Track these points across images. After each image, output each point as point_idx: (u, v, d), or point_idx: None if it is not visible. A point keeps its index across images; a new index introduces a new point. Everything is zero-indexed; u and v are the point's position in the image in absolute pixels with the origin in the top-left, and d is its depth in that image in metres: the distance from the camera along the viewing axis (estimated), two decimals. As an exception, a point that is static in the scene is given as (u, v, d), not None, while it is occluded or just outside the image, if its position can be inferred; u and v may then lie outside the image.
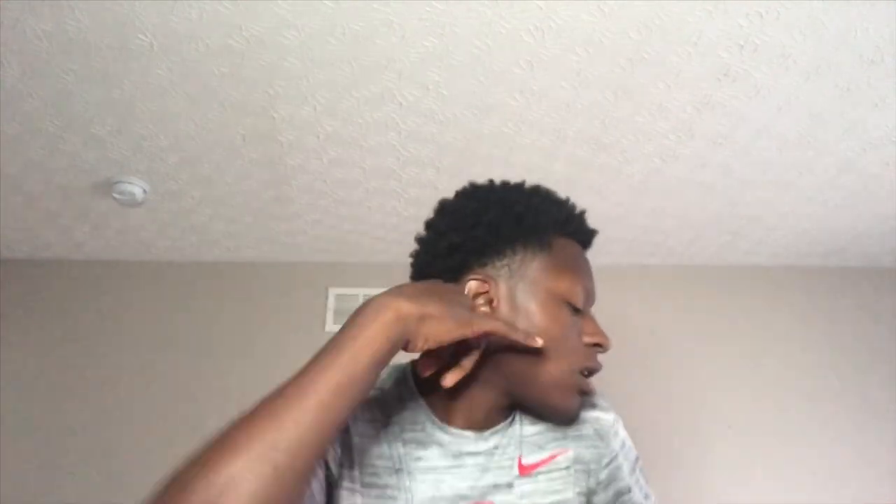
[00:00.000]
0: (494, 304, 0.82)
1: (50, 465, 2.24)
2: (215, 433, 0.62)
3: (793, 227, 2.32)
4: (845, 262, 2.57)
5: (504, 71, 1.59)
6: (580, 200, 0.93)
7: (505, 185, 0.92)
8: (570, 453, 0.88)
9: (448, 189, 0.98)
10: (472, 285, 0.82)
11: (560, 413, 0.84)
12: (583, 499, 0.88)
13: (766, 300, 2.53)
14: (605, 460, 0.91)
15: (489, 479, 0.82)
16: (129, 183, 2.01)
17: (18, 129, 1.79)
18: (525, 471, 0.85)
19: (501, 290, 0.82)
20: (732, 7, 1.41)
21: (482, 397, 0.84)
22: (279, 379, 0.83)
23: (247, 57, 1.55)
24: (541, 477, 0.85)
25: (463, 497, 0.81)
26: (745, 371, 2.41)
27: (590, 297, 0.87)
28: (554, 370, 0.80)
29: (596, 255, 0.91)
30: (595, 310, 0.89)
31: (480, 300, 0.82)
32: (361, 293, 2.48)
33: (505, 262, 0.83)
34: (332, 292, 2.49)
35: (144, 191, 2.06)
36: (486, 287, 0.82)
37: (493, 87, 1.65)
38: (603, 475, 0.90)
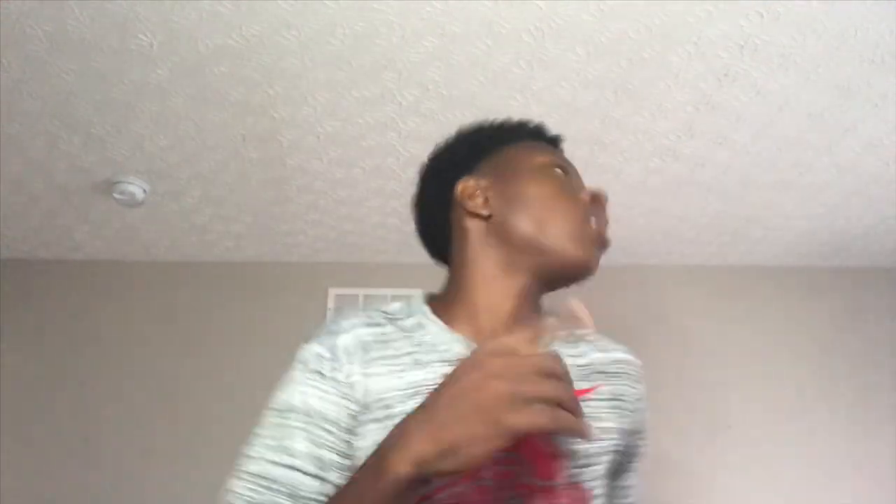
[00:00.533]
0: (488, 198, 0.87)
1: (50, 465, 2.24)
2: None
3: (793, 227, 2.32)
4: (845, 262, 2.57)
5: (504, 71, 1.59)
6: None
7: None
8: (611, 388, 0.89)
9: None
10: (459, 188, 0.88)
11: (579, 264, 0.85)
12: (615, 436, 0.88)
13: (766, 300, 2.53)
14: (639, 403, 0.94)
15: None
16: (129, 183, 2.01)
17: (18, 129, 1.79)
18: (578, 394, 0.85)
19: (490, 183, 0.88)
20: (732, 7, 1.41)
21: (507, 300, 0.86)
22: (278, 377, 0.83)
23: (247, 57, 1.55)
24: (591, 403, 0.85)
25: None
26: (745, 371, 2.41)
27: (574, 172, 0.92)
28: (562, 225, 0.84)
29: None
30: (594, 309, 0.89)
31: (476, 199, 0.87)
32: (361, 293, 2.48)
33: (486, 163, 0.91)
34: (332, 292, 2.49)
35: (144, 191, 2.06)
36: (475, 185, 0.88)
37: (493, 87, 1.65)
38: (635, 419, 0.92)
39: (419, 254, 1.04)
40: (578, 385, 0.82)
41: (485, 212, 0.87)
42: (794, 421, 2.35)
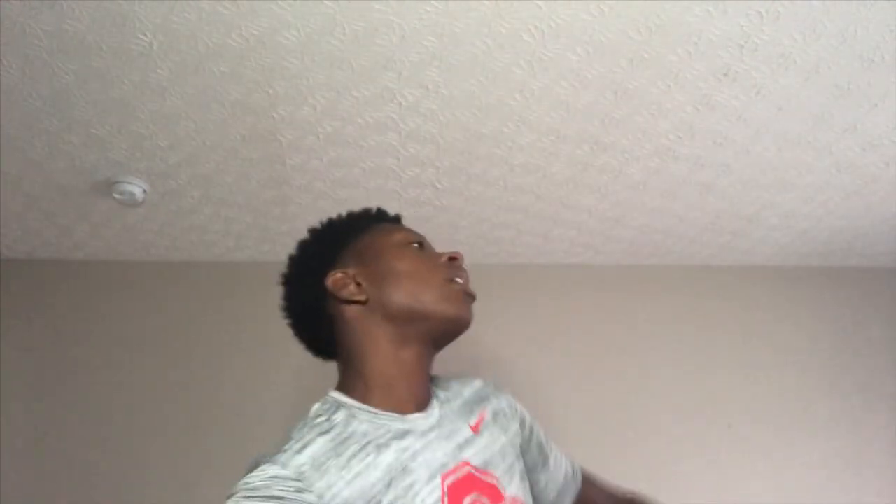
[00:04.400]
0: (360, 283, 0.97)
1: (49, 465, 2.24)
2: None
3: (793, 227, 2.32)
4: (845, 262, 2.57)
5: (504, 71, 1.60)
6: (580, 200, 0.99)
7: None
8: (489, 409, 1.06)
9: (448, 189, 1.02)
10: (329, 281, 0.98)
11: (458, 320, 0.97)
12: (516, 438, 1.06)
13: (766, 300, 2.53)
14: (513, 405, 1.12)
15: (453, 443, 0.94)
16: (129, 183, 2.01)
17: (18, 129, 1.79)
18: (474, 430, 0.99)
19: (357, 269, 0.98)
20: (732, 7, 1.41)
21: (411, 368, 0.96)
22: (278, 378, 0.84)
23: (247, 57, 1.55)
24: (485, 432, 1.01)
25: (445, 465, 0.90)
26: (745, 371, 2.41)
27: (426, 242, 1.05)
28: (432, 290, 0.95)
29: (596, 255, 0.95)
30: (596, 309, 0.96)
31: (349, 287, 0.97)
32: (361, 293, 2.48)
33: (347, 253, 1.01)
34: (332, 292, 2.49)
35: (144, 191, 2.06)
36: (343, 275, 0.98)
37: (493, 87, 1.65)
38: (522, 415, 1.11)
39: (419, 254, 1.06)
40: (471, 419, 1.01)
41: (361, 297, 0.96)
42: (795, 420, 2.35)
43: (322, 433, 0.88)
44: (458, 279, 0.99)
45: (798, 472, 2.28)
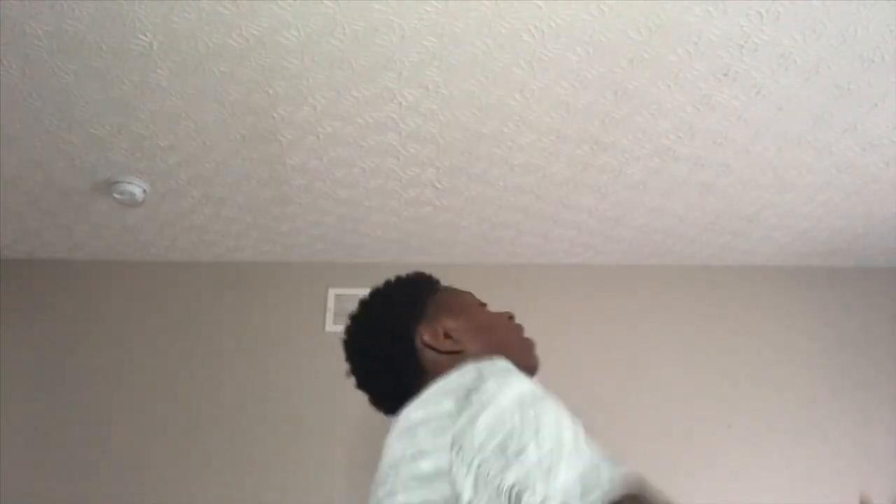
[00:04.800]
0: (449, 335, 1.06)
1: (49, 466, 2.24)
2: None
3: (793, 227, 2.32)
4: (845, 262, 2.57)
5: (504, 71, 1.60)
6: (580, 200, 0.98)
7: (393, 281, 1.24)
8: None
9: (448, 189, 1.02)
10: (425, 335, 1.07)
11: (534, 367, 1.12)
12: None
13: (766, 300, 2.53)
14: None
15: None
16: (129, 183, 2.01)
17: (18, 129, 1.79)
18: None
19: (446, 323, 1.08)
20: (732, 7, 1.41)
21: None
22: (278, 379, 0.83)
23: (247, 57, 1.55)
24: None
25: None
26: (745, 371, 2.41)
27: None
28: (510, 341, 1.10)
29: (596, 255, 0.94)
30: (596, 309, 0.95)
31: (441, 339, 1.06)
32: (361, 293, 2.47)
33: (430, 309, 1.10)
34: (332, 292, 2.49)
35: (144, 191, 2.06)
36: (434, 329, 1.07)
37: (493, 87, 1.65)
38: None
39: (419, 254, 1.06)
40: None
41: (457, 348, 1.06)
42: (795, 421, 2.35)
43: None
44: (523, 333, 1.14)
45: (798, 472, 2.28)
